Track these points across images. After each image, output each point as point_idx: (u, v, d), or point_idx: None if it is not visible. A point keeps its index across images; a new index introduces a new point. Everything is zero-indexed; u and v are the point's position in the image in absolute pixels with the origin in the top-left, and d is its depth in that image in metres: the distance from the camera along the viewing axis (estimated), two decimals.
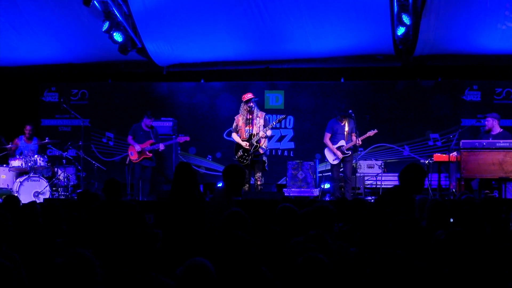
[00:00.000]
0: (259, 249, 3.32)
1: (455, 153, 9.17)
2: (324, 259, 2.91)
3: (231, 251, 3.21)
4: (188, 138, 10.54)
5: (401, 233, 3.53)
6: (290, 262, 3.04)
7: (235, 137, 9.24)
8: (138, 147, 10.14)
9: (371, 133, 9.84)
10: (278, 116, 10.22)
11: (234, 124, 9.30)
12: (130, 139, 10.31)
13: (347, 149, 9.59)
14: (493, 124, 9.33)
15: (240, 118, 9.19)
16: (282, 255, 3.95)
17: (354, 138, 9.60)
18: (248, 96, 9.21)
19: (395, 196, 4.81)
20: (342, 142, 9.64)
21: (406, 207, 4.65)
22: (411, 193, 4.89)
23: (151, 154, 10.21)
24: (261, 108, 10.36)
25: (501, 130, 9.36)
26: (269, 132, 9.10)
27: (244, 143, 9.01)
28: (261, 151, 9.06)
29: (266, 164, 9.31)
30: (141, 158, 10.19)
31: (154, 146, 10.17)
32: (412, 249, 3.50)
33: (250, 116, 9.09)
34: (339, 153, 9.60)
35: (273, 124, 9.33)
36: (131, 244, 3.51)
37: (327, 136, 9.78)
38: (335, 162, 9.70)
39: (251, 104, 9.06)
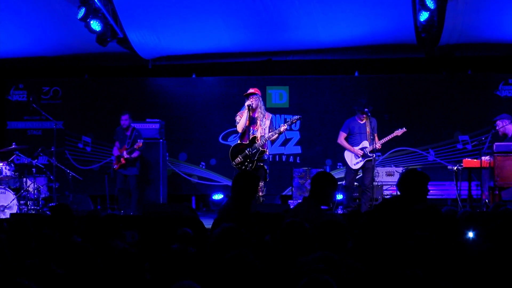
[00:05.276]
0: (261, 270, 3.35)
1: (487, 158, 9.17)
2: (331, 281, 2.93)
3: (234, 272, 3.24)
4: (140, 144, 10.17)
5: (423, 250, 3.54)
6: (295, 285, 3.06)
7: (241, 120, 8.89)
8: (115, 153, 10.50)
9: (398, 132, 9.69)
10: (283, 116, 10.17)
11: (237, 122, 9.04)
12: (116, 144, 10.57)
13: (371, 152, 9.46)
14: (505, 127, 9.38)
15: (243, 115, 8.92)
16: (287, 277, 3.95)
17: (377, 139, 9.52)
18: (250, 91, 8.99)
19: (393, 207, 4.91)
20: (365, 143, 9.54)
21: (407, 219, 4.73)
22: (412, 203, 4.99)
23: (124, 161, 10.30)
24: None
25: None
26: (283, 128, 8.82)
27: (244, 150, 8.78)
28: (265, 156, 8.92)
29: (267, 174, 9.11)
30: (119, 165, 10.32)
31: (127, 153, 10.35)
32: (438, 268, 3.51)
33: (252, 115, 8.85)
34: (359, 151, 9.51)
35: (287, 126, 9.02)
36: None
37: (342, 136, 9.70)
38: (357, 166, 9.58)
39: (251, 100, 8.81)
